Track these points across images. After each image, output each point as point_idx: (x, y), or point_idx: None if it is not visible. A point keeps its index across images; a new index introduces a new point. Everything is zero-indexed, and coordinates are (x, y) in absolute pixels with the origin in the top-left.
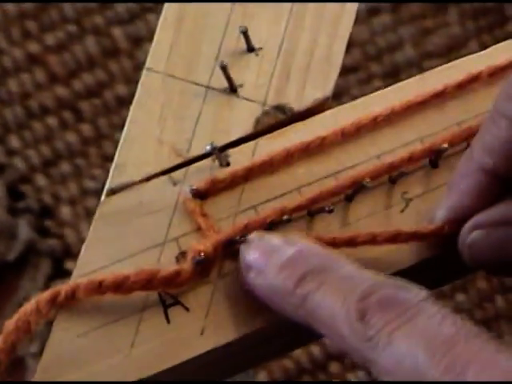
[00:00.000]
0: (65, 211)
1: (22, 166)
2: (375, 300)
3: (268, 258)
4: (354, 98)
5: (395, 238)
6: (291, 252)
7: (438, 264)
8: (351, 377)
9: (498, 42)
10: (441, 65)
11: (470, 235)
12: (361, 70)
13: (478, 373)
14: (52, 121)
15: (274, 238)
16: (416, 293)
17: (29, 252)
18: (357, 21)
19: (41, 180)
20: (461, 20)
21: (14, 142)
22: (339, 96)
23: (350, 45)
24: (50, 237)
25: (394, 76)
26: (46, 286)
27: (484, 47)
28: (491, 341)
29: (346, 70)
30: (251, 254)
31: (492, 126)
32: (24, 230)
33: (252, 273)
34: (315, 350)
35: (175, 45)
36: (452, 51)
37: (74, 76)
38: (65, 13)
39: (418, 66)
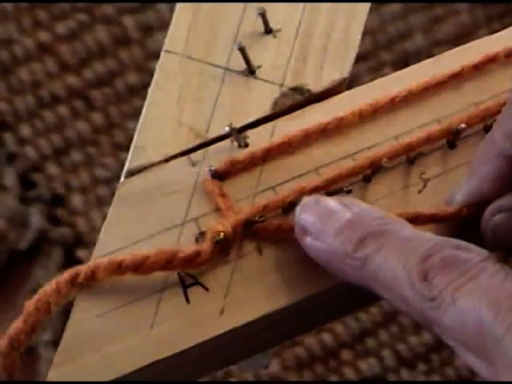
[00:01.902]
0: (76, 200)
1: (34, 155)
2: (437, 260)
3: (325, 222)
4: None
5: (414, 219)
6: (349, 215)
7: None
8: (363, 364)
9: None
10: None
11: (494, 218)
12: (371, 58)
13: None
14: (63, 110)
15: (331, 202)
16: (477, 252)
17: (40, 240)
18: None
19: (52, 169)
20: (470, 8)
21: (26, 130)
22: (350, 84)
23: None
24: (62, 225)
25: (404, 64)
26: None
27: None
28: None
29: (356, 58)
30: (307, 217)
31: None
32: (36, 218)
33: (308, 236)
34: (327, 337)
35: (193, 27)
36: (462, 39)
37: (85, 65)
38: (75, 2)
39: (427, 54)
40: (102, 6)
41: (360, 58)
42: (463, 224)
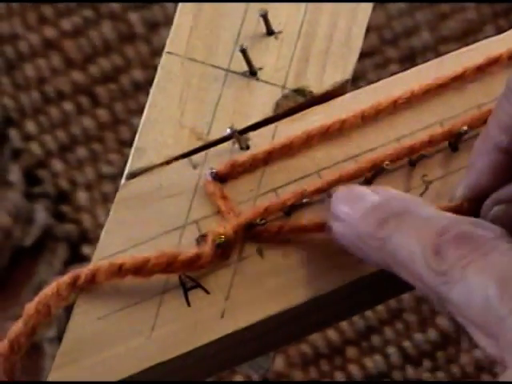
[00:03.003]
0: (81, 196)
1: (39, 151)
2: (451, 236)
3: (353, 206)
4: (371, 82)
5: None
6: (375, 198)
7: None
8: (368, 361)
9: None
10: (457, 49)
11: (492, 210)
12: (377, 55)
13: None
14: (68, 106)
15: (361, 188)
16: (492, 230)
17: (45, 237)
18: (373, 5)
19: (57, 165)
20: (477, 4)
21: (31, 126)
22: (355, 80)
23: (367, 29)
24: (67, 222)
25: (410, 60)
26: (63, 271)
27: (500, 32)
28: None
29: (362, 55)
30: (340, 205)
31: (505, 104)
32: (40, 215)
33: (338, 221)
34: (332, 334)
35: (195, 28)
36: (468, 36)
37: (90, 61)
38: (80, 1)
39: (434, 51)
40: (107, 1)
41: (366, 54)
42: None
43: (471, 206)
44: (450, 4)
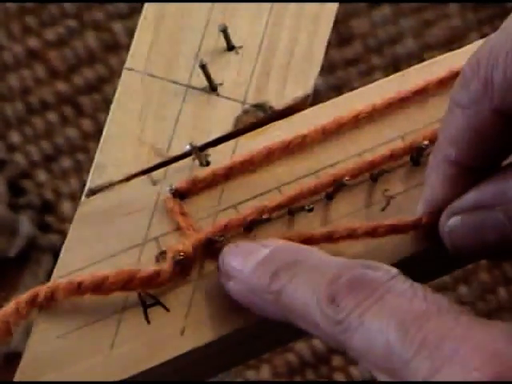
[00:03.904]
0: (66, 207)
1: (23, 162)
2: (344, 282)
3: (244, 262)
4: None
5: (374, 231)
6: (265, 252)
7: (425, 258)
8: (354, 370)
9: None
10: None
11: (448, 222)
12: (362, 63)
13: (453, 348)
14: (52, 116)
15: (250, 243)
16: (385, 271)
17: (30, 248)
18: (357, 13)
19: (42, 175)
20: (461, 12)
21: (15, 137)
22: (340, 88)
23: (351, 37)
24: (52, 232)
25: (394, 68)
26: (48, 282)
27: None
28: (464, 314)
29: (346, 63)
30: (229, 261)
31: (450, 116)
32: (25, 225)
33: (230, 278)
34: (318, 343)
35: (155, 44)
36: (453, 43)
37: (75, 71)
38: (65, 8)
39: (418, 58)
40: (91, 11)
41: (350, 62)
42: (427, 233)
43: (430, 220)
44: (435, 11)
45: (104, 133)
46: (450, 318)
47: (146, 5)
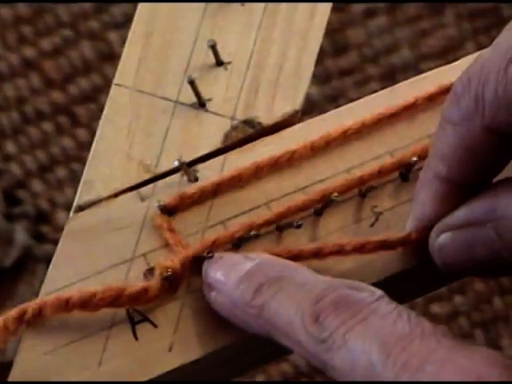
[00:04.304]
0: (61, 216)
1: (18, 172)
2: (328, 302)
3: (227, 275)
4: (351, 100)
5: (363, 247)
6: (249, 266)
7: (414, 274)
8: None
9: None
10: (437, 66)
11: (438, 239)
12: (357, 73)
13: (435, 371)
14: (48, 126)
15: (234, 255)
16: (370, 292)
17: (25, 257)
18: (353, 23)
19: (37, 185)
20: (457, 21)
21: (10, 147)
22: (336, 98)
23: (347, 47)
24: (47, 242)
25: (390, 78)
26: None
27: (480, 48)
28: (446, 337)
29: (342, 73)
30: (212, 273)
31: (441, 133)
32: (20, 235)
33: (213, 291)
34: None
35: (143, 60)
36: (448, 53)
37: (70, 81)
38: (60, 17)
39: (414, 68)
40: (86, 21)
41: (346, 72)
42: (416, 250)
43: (419, 236)
44: (430, 21)
45: (92, 149)
46: (433, 341)
47: (135, 20)
